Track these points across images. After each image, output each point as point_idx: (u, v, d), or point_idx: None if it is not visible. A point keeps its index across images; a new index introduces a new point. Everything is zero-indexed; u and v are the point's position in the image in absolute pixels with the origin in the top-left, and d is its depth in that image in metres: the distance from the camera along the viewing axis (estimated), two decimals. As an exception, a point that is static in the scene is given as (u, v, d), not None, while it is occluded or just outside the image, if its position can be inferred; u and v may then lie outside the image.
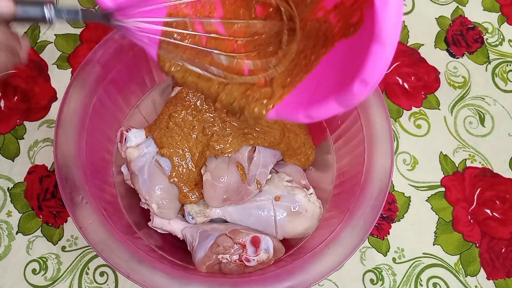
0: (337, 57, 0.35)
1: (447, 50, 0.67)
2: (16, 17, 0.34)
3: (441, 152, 0.62)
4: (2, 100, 0.62)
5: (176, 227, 0.50)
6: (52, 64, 0.64)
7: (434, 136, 0.63)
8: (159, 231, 0.51)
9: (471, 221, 0.59)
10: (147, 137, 0.51)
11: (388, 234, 0.58)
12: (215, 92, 0.37)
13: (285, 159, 0.53)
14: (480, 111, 0.64)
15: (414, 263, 0.57)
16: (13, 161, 0.60)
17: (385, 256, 0.57)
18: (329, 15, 0.36)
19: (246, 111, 0.36)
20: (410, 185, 0.60)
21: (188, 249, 0.49)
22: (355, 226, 0.46)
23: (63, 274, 0.55)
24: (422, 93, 0.65)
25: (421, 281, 0.56)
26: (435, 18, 0.70)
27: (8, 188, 0.58)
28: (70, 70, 0.64)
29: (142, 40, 0.37)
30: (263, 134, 0.50)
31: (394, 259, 0.57)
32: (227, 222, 0.51)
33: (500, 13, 0.70)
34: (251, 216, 0.50)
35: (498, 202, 0.60)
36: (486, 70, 0.67)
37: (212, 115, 0.52)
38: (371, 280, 0.56)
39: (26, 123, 0.61)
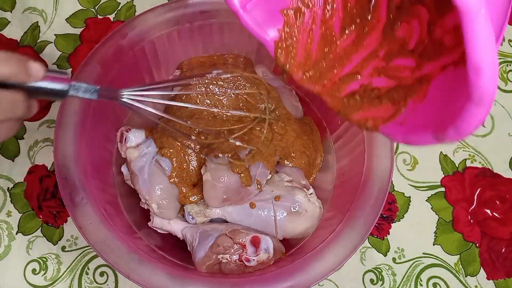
0: (444, 83, 0.35)
1: (447, 50, 0.67)
2: (36, 86, 0.35)
3: (441, 152, 0.62)
4: (2, 100, 0.62)
5: (176, 227, 0.50)
6: (52, 64, 0.64)
7: (434, 136, 0.63)
8: (159, 231, 0.51)
9: (471, 221, 0.59)
10: (147, 137, 0.51)
11: (388, 234, 0.58)
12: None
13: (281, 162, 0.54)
14: (480, 111, 0.64)
15: (414, 263, 0.57)
16: (13, 161, 0.60)
17: (385, 256, 0.57)
18: (445, 36, 0.35)
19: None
20: (410, 185, 0.60)
21: (188, 249, 0.49)
22: (355, 226, 0.46)
23: (63, 274, 0.55)
24: (422, 93, 0.65)
25: (421, 281, 0.56)
26: (435, 18, 0.70)
27: (8, 188, 0.58)
28: (70, 70, 0.64)
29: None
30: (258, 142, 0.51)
31: (394, 259, 0.57)
32: (227, 222, 0.51)
33: (500, 13, 0.70)
34: (251, 216, 0.50)
35: (498, 202, 0.60)
36: (486, 70, 0.66)
37: (211, 117, 0.52)
38: (371, 280, 0.56)
39: (26, 123, 0.61)
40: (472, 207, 0.59)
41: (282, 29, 0.39)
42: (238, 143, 0.47)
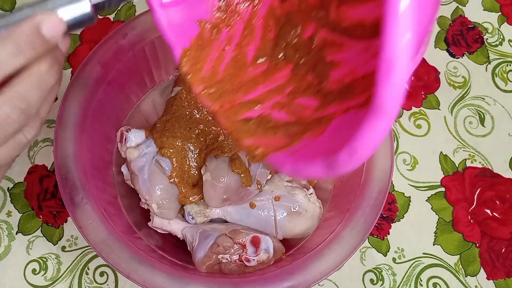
0: (342, 123, 0.33)
1: (447, 50, 0.67)
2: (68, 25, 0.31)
3: (441, 152, 0.62)
4: (2, 100, 0.62)
5: (176, 227, 0.50)
6: (52, 64, 0.64)
7: (434, 136, 0.63)
8: (159, 231, 0.51)
9: (471, 221, 0.59)
10: (147, 137, 0.51)
11: (388, 234, 0.58)
12: (214, 110, 0.37)
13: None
14: (480, 111, 0.64)
15: (414, 263, 0.57)
16: (13, 160, 0.60)
17: (385, 256, 0.57)
18: (355, 83, 0.35)
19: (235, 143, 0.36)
20: (410, 185, 0.60)
21: (188, 249, 0.49)
22: (355, 226, 0.46)
23: (63, 274, 0.55)
24: (422, 93, 0.65)
25: (421, 281, 0.56)
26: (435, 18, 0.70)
27: (8, 188, 0.58)
28: (70, 70, 0.64)
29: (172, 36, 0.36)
30: None
31: (394, 259, 0.57)
32: (227, 222, 0.51)
33: (500, 13, 0.70)
34: (251, 216, 0.50)
35: (498, 202, 0.60)
36: (486, 70, 0.67)
37: (211, 116, 0.52)
38: (371, 280, 0.56)
39: (26, 123, 0.61)
40: (472, 207, 0.59)
41: (195, 39, 0.37)
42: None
